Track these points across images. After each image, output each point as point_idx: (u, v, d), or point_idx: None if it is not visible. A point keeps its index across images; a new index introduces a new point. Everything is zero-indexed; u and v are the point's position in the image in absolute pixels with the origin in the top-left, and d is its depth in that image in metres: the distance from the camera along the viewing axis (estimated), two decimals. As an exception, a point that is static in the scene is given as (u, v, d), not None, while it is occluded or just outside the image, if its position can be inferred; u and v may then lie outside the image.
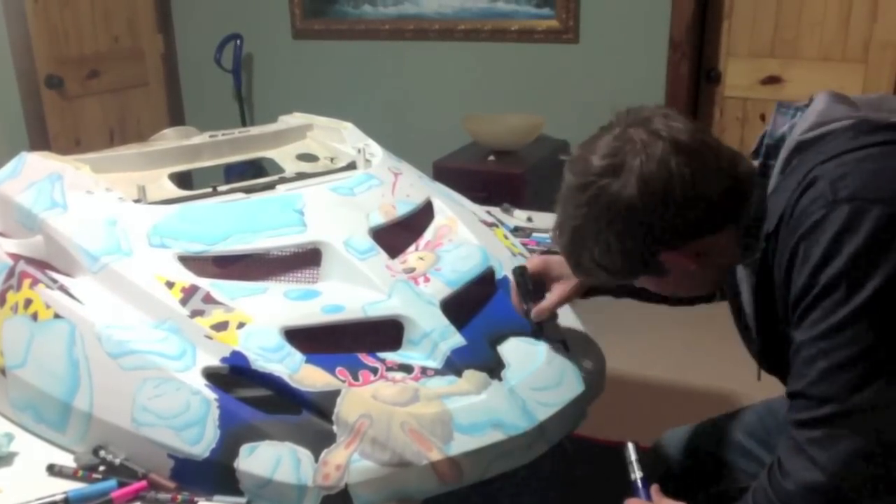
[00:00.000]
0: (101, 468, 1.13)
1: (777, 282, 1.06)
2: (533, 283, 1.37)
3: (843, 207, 0.95)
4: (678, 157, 1.06)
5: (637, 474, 1.26)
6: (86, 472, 1.13)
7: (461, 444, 1.12)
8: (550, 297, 1.37)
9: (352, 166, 1.72)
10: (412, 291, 1.29)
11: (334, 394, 1.12)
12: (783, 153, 1.08)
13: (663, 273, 1.15)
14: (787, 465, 1.01)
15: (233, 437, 1.09)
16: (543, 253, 1.83)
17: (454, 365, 1.21)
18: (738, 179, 1.09)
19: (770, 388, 1.39)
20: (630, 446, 1.27)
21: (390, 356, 1.23)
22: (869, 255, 0.93)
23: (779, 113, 1.12)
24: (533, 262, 1.39)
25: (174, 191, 1.57)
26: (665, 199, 1.06)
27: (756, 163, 1.12)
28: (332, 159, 1.83)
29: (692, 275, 1.15)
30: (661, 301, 1.44)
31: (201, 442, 1.09)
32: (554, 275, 1.37)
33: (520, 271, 1.37)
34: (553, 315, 1.39)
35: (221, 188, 1.58)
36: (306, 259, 1.38)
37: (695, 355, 3.00)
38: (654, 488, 1.24)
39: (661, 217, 1.07)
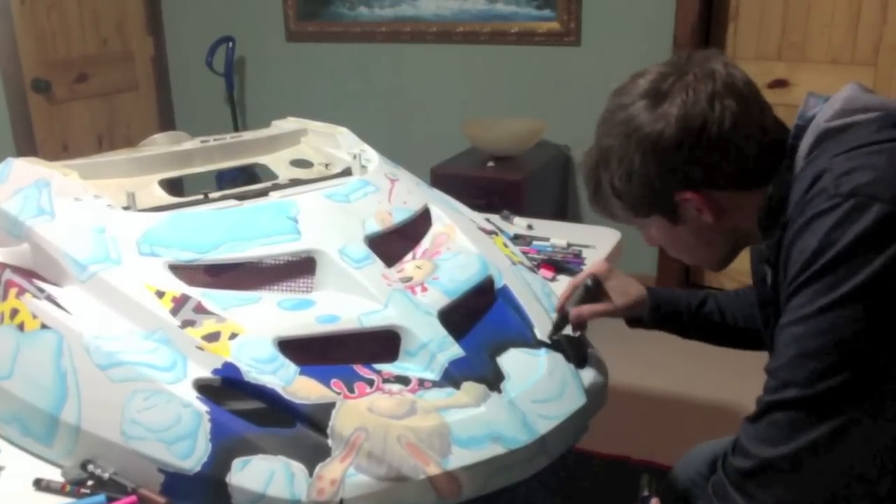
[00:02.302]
0: (90, 483, 1.13)
1: (782, 270, 1.08)
2: (589, 293, 1.43)
3: (841, 202, 0.97)
4: (726, 98, 1.09)
5: (645, 492, 1.31)
6: (74, 486, 1.13)
7: (460, 458, 1.12)
8: (594, 305, 1.42)
9: (347, 172, 1.72)
10: (409, 301, 1.30)
11: (329, 406, 1.13)
12: (808, 138, 1.09)
13: (677, 220, 1.18)
14: (744, 442, 1.04)
15: (225, 450, 1.09)
16: (545, 263, 1.84)
17: (452, 377, 1.22)
18: (777, 145, 1.12)
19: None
20: (645, 477, 1.32)
21: (387, 368, 1.23)
22: (858, 251, 0.94)
23: (811, 96, 1.14)
24: (598, 265, 1.45)
25: (164, 197, 1.57)
26: (700, 135, 1.09)
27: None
28: (326, 165, 1.83)
29: (705, 232, 1.18)
30: (716, 341, 1.49)
31: (192, 456, 1.09)
32: (609, 285, 1.44)
33: (595, 279, 1.43)
34: (582, 325, 1.44)
35: (213, 195, 1.59)
36: (300, 268, 1.38)
37: (699, 367, 3.00)
38: (654, 501, 1.26)
39: (691, 152, 1.10)
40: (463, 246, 1.49)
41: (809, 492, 1.01)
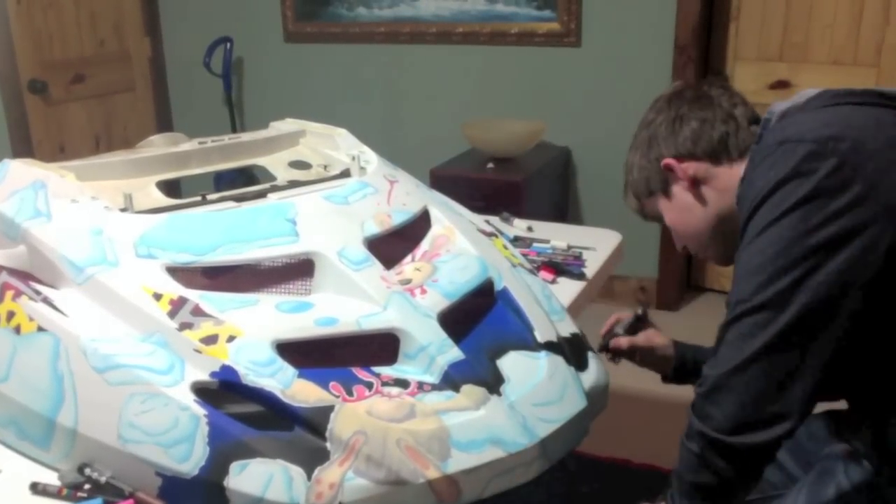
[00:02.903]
0: (87, 486, 1.14)
1: None
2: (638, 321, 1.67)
3: (774, 149, 1.15)
4: (701, 92, 1.37)
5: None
6: (70, 490, 1.13)
7: (459, 461, 1.12)
8: (634, 337, 1.64)
9: (346, 174, 1.72)
10: (408, 303, 1.30)
11: (328, 409, 1.13)
12: (772, 123, 1.27)
13: (668, 193, 1.40)
14: (704, 370, 1.17)
15: (222, 454, 1.09)
16: (545, 265, 1.84)
17: (452, 380, 1.22)
18: (746, 130, 1.33)
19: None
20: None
21: (386, 370, 1.23)
22: (789, 180, 1.10)
23: (776, 101, 1.31)
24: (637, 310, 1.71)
25: (162, 199, 1.57)
26: (677, 112, 1.37)
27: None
28: (325, 167, 1.83)
29: (694, 209, 1.38)
30: None
31: (190, 459, 1.09)
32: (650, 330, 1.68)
33: (644, 309, 1.67)
34: (619, 353, 1.66)
35: (211, 197, 1.59)
36: (299, 270, 1.38)
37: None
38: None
39: (669, 124, 1.37)
40: (462, 248, 1.49)
41: (756, 402, 1.11)
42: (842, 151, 1.10)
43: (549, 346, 1.35)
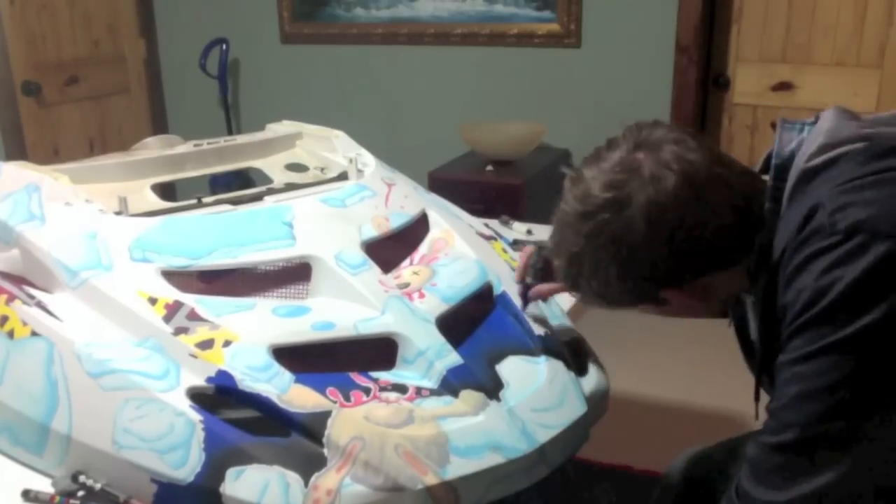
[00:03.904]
0: (80, 494, 1.14)
1: (779, 313, 1.04)
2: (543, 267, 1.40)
3: (840, 240, 0.94)
4: (688, 195, 1.04)
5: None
6: (63, 497, 1.13)
7: (458, 467, 1.12)
8: (553, 284, 1.37)
9: (343, 177, 1.73)
10: (406, 308, 1.30)
11: (325, 415, 1.13)
12: (791, 180, 1.06)
13: (664, 304, 1.16)
14: (745, 484, 1.02)
15: (219, 460, 1.09)
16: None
17: (451, 385, 1.22)
18: (752, 215, 1.08)
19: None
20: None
21: (384, 376, 1.23)
22: (860, 292, 0.92)
23: (784, 129, 1.10)
24: None
25: (157, 202, 1.58)
26: (670, 241, 1.05)
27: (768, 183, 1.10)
28: (322, 169, 1.84)
29: (695, 309, 1.18)
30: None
31: (186, 465, 1.09)
32: None
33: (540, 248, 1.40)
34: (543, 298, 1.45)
35: (206, 200, 1.59)
36: (295, 274, 1.39)
37: (702, 375, 3.00)
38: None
39: (665, 260, 1.07)
40: (461, 251, 1.50)
41: None
42: None
43: (549, 351, 1.35)
